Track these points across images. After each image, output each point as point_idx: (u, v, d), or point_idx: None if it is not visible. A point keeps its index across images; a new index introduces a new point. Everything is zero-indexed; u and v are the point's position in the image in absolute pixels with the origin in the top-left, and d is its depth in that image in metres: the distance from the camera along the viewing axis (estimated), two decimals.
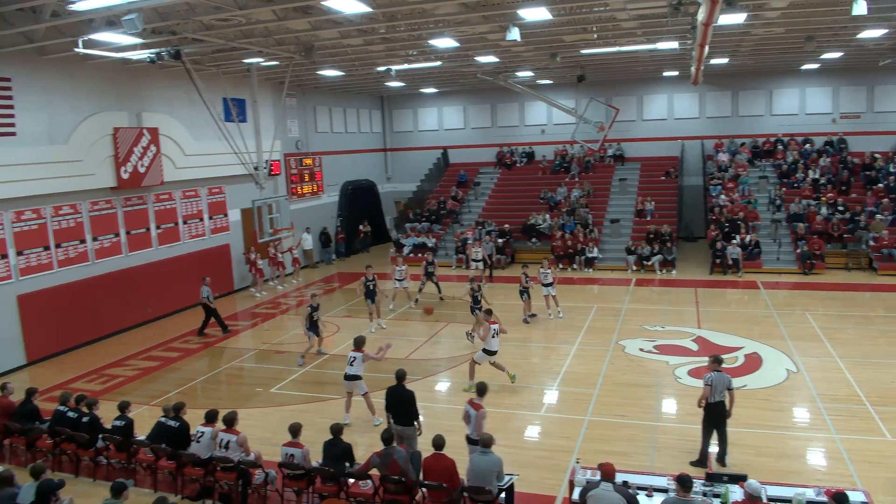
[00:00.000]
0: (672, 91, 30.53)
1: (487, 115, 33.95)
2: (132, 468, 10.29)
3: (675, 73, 27.68)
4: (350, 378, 11.86)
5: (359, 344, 11.90)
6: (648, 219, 26.79)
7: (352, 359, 11.83)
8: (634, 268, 24.45)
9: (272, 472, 9.41)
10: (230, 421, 9.55)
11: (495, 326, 13.28)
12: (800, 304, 19.15)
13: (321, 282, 25.43)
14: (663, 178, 29.63)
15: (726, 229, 24.63)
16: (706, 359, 14.34)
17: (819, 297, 19.97)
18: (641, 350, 15.36)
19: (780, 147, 29.01)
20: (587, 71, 24.67)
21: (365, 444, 10.30)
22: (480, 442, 8.42)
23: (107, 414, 11.18)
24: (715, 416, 9.67)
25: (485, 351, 13.36)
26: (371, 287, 18.12)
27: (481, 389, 9.57)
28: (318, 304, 16.14)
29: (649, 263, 24.23)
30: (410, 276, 21.25)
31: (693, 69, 20.82)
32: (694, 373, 13.74)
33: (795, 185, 27.05)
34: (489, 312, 13.58)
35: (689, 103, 30.49)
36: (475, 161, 33.98)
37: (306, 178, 28.70)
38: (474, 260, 23.88)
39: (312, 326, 15.80)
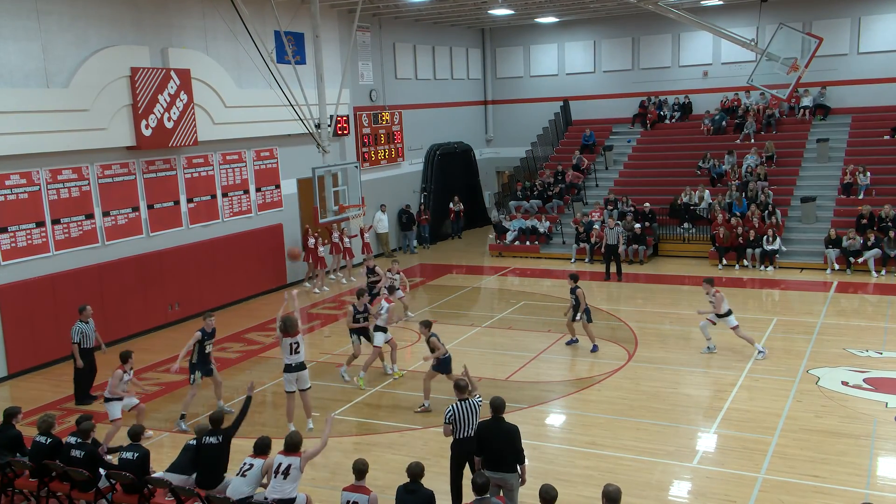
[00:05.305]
0: None
1: (627, 52, 33.43)
2: None
3: None
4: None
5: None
6: (861, 197, 25.86)
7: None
8: (837, 266, 23.69)
9: None
10: (295, 445, 9.73)
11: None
12: None
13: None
14: (887, 137, 28.34)
15: None
16: None
17: None
18: (845, 384, 14.85)
19: None
20: None
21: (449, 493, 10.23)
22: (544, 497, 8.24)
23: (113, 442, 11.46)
24: (463, 455, 10.09)
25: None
26: (362, 319, 16.09)
27: None
28: (214, 329, 14.10)
29: (861, 261, 23.34)
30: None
31: None
32: None
33: None
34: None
35: None
36: (607, 117, 33.73)
37: (382, 139, 29.05)
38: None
39: (201, 361, 13.80)
